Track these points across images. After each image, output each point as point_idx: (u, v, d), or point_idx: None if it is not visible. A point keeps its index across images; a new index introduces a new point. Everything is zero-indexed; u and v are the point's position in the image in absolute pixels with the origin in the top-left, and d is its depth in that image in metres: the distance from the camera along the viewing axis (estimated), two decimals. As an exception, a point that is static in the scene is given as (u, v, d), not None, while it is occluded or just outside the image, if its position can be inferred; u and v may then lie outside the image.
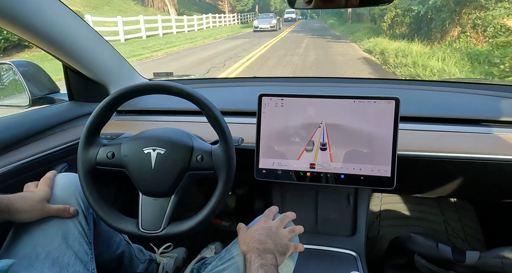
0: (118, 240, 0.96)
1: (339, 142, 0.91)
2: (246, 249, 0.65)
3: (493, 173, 0.96)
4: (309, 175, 0.93)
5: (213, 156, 0.72)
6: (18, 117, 0.95)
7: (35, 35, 0.87)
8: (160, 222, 0.71)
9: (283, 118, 0.93)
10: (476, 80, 1.31)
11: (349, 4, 0.82)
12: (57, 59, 1.01)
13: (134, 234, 0.72)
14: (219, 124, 0.71)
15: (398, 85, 1.33)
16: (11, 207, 0.67)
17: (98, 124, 0.74)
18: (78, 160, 0.73)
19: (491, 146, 0.92)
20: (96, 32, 1.03)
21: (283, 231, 0.71)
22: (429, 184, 1.11)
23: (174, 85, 0.70)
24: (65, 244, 0.72)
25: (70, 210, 0.75)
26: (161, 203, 0.73)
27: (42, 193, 0.73)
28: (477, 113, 1.02)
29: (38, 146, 0.95)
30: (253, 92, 1.02)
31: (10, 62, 1.11)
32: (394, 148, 0.87)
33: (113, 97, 0.71)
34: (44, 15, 0.83)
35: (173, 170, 0.72)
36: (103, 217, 0.72)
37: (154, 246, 1.26)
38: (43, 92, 1.17)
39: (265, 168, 0.95)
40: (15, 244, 0.70)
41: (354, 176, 0.91)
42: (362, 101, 0.89)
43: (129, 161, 0.73)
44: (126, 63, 1.26)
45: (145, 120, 1.19)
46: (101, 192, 0.74)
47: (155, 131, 0.78)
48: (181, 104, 0.78)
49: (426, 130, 0.98)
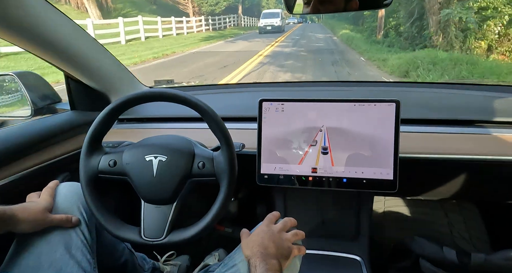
0: (121, 249, 0.96)
1: (340, 146, 0.91)
2: (249, 254, 0.65)
3: (496, 174, 0.96)
4: (311, 180, 0.93)
5: (214, 162, 0.73)
6: (20, 128, 0.96)
7: (36, 45, 0.88)
8: (162, 230, 0.71)
9: (284, 122, 0.94)
10: (476, 81, 1.31)
11: (348, 7, 0.82)
12: (58, 69, 1.02)
13: (136, 242, 0.72)
14: (220, 130, 0.71)
15: (398, 88, 1.34)
16: (14, 218, 0.67)
17: (100, 132, 0.74)
18: (80, 168, 0.73)
19: (493, 147, 0.92)
20: (96, 40, 1.04)
21: (286, 234, 0.71)
22: (432, 186, 1.11)
23: (175, 92, 0.71)
24: (68, 254, 0.72)
25: (72, 220, 0.75)
26: (163, 210, 0.73)
27: (45, 203, 0.73)
28: (478, 115, 1.02)
29: (40, 156, 0.95)
30: (253, 97, 1.02)
31: (12, 73, 1.12)
32: (396, 150, 0.87)
33: (115, 105, 0.72)
34: (45, 25, 0.84)
35: (175, 177, 0.72)
36: (105, 226, 0.72)
37: (157, 254, 1.25)
38: (45, 102, 1.18)
39: (267, 173, 0.95)
40: (18, 255, 0.70)
41: (356, 180, 0.90)
42: (363, 104, 0.89)
43: (131, 168, 0.73)
44: (127, 71, 1.26)
45: (146, 128, 1.19)
46: (103, 201, 0.74)
47: (156, 138, 0.78)
48: (182, 111, 0.78)
49: (428, 132, 0.98)
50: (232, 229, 1.51)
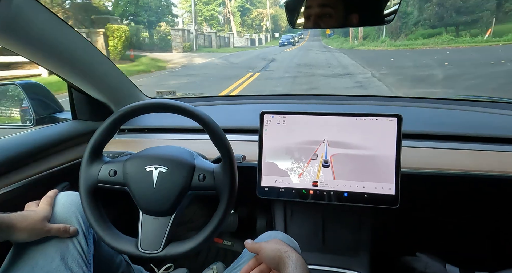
0: (119, 261, 0.94)
1: (341, 160, 0.90)
2: (276, 247, 0.65)
3: (499, 190, 0.95)
4: (312, 193, 0.92)
5: (215, 175, 0.72)
6: (22, 137, 0.96)
7: (40, 55, 0.89)
8: (160, 242, 0.70)
9: (285, 135, 0.94)
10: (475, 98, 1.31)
11: (348, 23, 0.83)
12: (61, 79, 1.03)
13: (133, 254, 0.71)
14: (221, 142, 0.71)
15: (400, 103, 1.34)
16: (12, 226, 0.66)
17: (102, 142, 0.74)
18: (80, 177, 0.73)
19: (496, 163, 0.91)
20: (99, 51, 1.05)
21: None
22: (435, 202, 1.10)
23: (177, 103, 0.71)
24: (64, 265, 0.71)
25: (70, 230, 0.74)
26: (162, 222, 0.72)
27: (43, 212, 0.72)
28: (481, 131, 1.02)
29: (41, 165, 0.95)
30: (255, 109, 1.03)
31: (15, 83, 1.13)
32: (398, 165, 0.87)
33: (118, 115, 0.72)
34: (49, 35, 0.85)
35: (174, 189, 0.71)
36: (102, 237, 0.71)
37: (155, 267, 1.23)
38: (47, 112, 1.19)
39: (267, 186, 0.94)
40: (14, 265, 0.69)
41: (358, 194, 0.89)
42: (364, 118, 0.89)
43: (131, 179, 0.72)
44: (129, 81, 1.27)
45: (147, 138, 1.19)
46: (101, 211, 0.73)
47: (157, 149, 0.78)
48: (183, 122, 0.79)
49: (431, 148, 0.97)
50: (231, 242, 1.49)
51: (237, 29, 43.10)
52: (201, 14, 40.23)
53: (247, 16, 48.65)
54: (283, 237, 0.78)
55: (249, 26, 48.74)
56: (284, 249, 0.63)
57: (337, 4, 0.80)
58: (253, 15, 49.14)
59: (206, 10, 40.52)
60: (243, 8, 47.35)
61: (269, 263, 0.65)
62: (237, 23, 45.26)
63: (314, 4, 0.81)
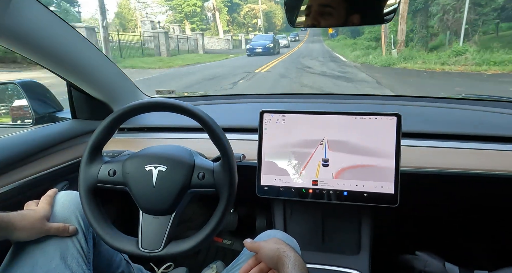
0: (118, 260, 0.94)
1: (341, 159, 0.90)
2: (275, 247, 0.65)
3: (499, 189, 0.95)
4: (311, 192, 0.92)
5: (214, 173, 0.72)
6: (21, 136, 0.96)
7: (39, 55, 0.89)
8: (160, 241, 0.70)
9: (285, 134, 0.93)
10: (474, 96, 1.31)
11: (349, 22, 0.82)
12: (61, 78, 1.03)
13: (133, 253, 0.71)
14: (220, 141, 0.71)
15: (400, 102, 1.34)
16: (11, 225, 0.66)
17: (101, 141, 0.74)
18: (80, 177, 0.73)
19: (496, 162, 0.91)
20: (99, 50, 1.05)
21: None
22: (434, 201, 1.09)
23: (176, 102, 0.71)
24: (64, 263, 0.71)
25: (69, 229, 0.74)
26: (162, 221, 0.72)
27: (43, 211, 0.72)
28: (480, 129, 1.02)
29: (40, 164, 0.95)
30: (254, 108, 1.03)
31: (15, 82, 1.13)
32: (397, 164, 0.87)
33: (117, 114, 0.72)
34: (49, 35, 0.85)
35: (174, 188, 0.71)
36: (102, 236, 0.71)
37: (155, 266, 1.23)
38: (46, 111, 1.18)
39: (267, 185, 0.94)
40: (13, 264, 0.69)
41: (357, 193, 0.89)
42: (364, 117, 0.89)
43: (131, 178, 0.72)
44: (129, 81, 1.27)
45: (147, 137, 1.19)
46: (101, 211, 0.73)
47: (156, 148, 0.78)
48: (183, 121, 0.78)
49: (430, 146, 0.97)
50: (231, 241, 1.49)
51: (223, 28, 36.98)
52: (180, 9, 34.57)
53: (237, 13, 42.86)
54: (282, 236, 0.78)
55: (240, 25, 43.06)
56: (283, 249, 0.64)
57: (337, 3, 0.80)
58: (243, 11, 43.31)
59: (187, 5, 33.97)
60: (231, 3, 40.21)
61: (268, 262, 0.65)
62: (224, 21, 38.75)
63: (314, 2, 0.81)
